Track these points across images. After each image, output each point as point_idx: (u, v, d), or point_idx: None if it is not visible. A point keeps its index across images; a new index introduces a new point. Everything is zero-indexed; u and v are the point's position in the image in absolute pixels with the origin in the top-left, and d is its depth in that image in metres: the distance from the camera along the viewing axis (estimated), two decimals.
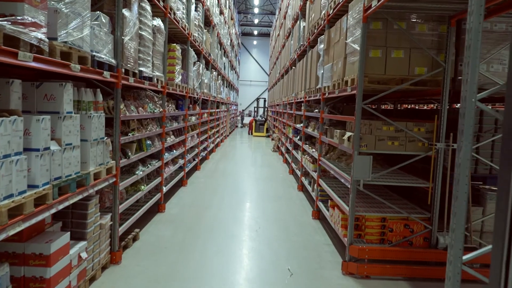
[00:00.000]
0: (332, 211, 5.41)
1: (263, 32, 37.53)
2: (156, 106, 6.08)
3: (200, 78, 10.15)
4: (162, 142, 6.45)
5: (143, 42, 5.06)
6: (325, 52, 6.20)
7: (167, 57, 6.94)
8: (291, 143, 11.65)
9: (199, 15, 9.59)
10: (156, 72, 5.76)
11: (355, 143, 4.30)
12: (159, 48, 5.86)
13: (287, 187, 9.11)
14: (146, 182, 5.96)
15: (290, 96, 11.88)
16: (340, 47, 5.19)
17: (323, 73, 6.36)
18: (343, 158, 5.87)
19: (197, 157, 10.94)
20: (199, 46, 9.74)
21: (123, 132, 4.78)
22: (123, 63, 4.33)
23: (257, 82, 37.55)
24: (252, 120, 26.14)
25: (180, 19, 7.19)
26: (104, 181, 3.95)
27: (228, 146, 18.15)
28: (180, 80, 7.50)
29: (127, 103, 4.77)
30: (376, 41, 4.33)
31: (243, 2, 30.26)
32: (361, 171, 4.29)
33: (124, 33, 4.30)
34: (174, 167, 7.67)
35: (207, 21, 11.94)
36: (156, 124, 6.13)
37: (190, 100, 9.95)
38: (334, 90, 5.42)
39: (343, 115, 6.40)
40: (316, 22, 7.29)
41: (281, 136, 15.30)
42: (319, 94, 6.69)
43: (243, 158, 14.15)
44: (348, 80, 4.67)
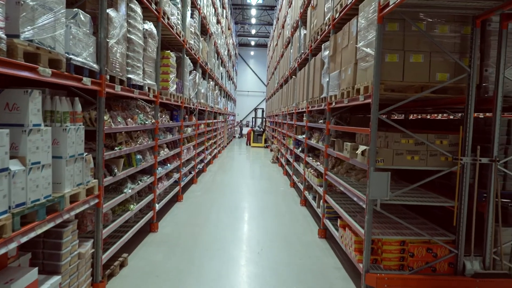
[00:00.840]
0: (343, 232, 4.89)
1: (260, 43, 37.33)
2: (148, 117, 5.58)
3: (196, 87, 9.69)
4: (155, 156, 5.94)
5: (132, 46, 4.59)
6: (331, 58, 5.75)
7: (160, 64, 6.48)
8: (292, 155, 11.15)
9: (195, 22, 9.17)
10: (148, 80, 5.28)
11: (371, 158, 3.80)
12: (151, 55, 5.39)
13: (289, 202, 8.58)
14: (137, 200, 5.44)
15: (290, 106, 11.43)
16: (349, 53, 4.74)
17: (328, 81, 5.90)
18: (353, 173, 5.38)
19: (194, 170, 10.42)
20: (195, 55, 9.29)
21: (108, 146, 4.27)
22: (108, 69, 3.84)
23: (254, 92, 37.21)
24: (250, 131, 25.68)
25: (174, 25, 6.74)
26: (84, 203, 3.43)
27: (226, 157, 17.64)
28: (174, 90, 7.02)
29: (114, 114, 4.27)
30: (393, 44, 3.87)
31: (240, 13, 30.03)
32: (378, 189, 3.79)
33: (109, 35, 3.82)
34: (168, 182, 7.15)
35: (203, 30, 11.52)
36: (148, 137, 5.63)
37: (186, 111, 9.47)
38: (342, 99, 4.95)
39: (350, 126, 5.92)
40: (319, 28, 6.86)
41: (280, 147, 14.81)
42: (324, 103, 6.22)
43: (242, 170, 13.63)
44: (360, 87, 4.19)
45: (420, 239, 4.03)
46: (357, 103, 4.30)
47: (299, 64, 9.80)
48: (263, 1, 26.23)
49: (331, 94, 5.59)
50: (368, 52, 4.00)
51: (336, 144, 5.49)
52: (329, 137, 6.01)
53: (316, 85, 6.96)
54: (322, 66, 6.52)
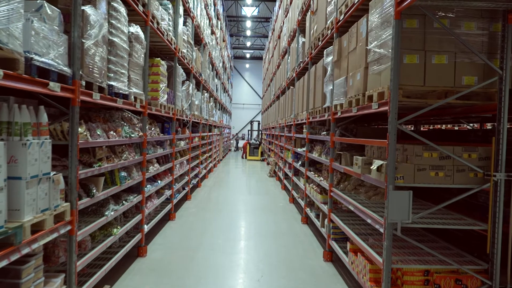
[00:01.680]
0: (354, 257, 4.33)
1: (256, 56, 37.10)
2: (135, 129, 5.04)
3: (190, 98, 9.18)
4: (143, 172, 5.38)
5: (114, 50, 4.07)
6: (335, 64, 5.27)
7: (150, 73, 5.97)
8: (290, 169, 10.61)
9: (188, 30, 8.71)
10: (134, 89, 4.75)
11: (390, 174, 3.28)
12: (138, 61, 4.88)
13: (290, 220, 8.01)
14: (122, 223, 4.86)
15: (288, 118, 10.94)
16: (358, 56, 4.25)
17: (332, 89, 5.41)
18: (362, 190, 4.84)
19: (188, 186, 9.84)
20: (189, 64, 8.81)
21: (86, 163, 3.72)
22: (84, 74, 3.32)
23: (250, 105, 36.82)
24: (246, 144, 25.13)
25: (165, 31, 6.25)
26: (51, 232, 2.86)
27: (222, 171, 17.06)
28: (165, 100, 6.50)
29: (92, 126, 3.73)
30: (412, 43, 3.38)
31: (235, 25, 29.79)
32: (398, 211, 3.25)
33: (84, 34, 3.31)
34: (159, 200, 6.57)
35: (197, 39, 11.08)
36: (134, 152, 5.08)
37: (179, 123, 8.93)
38: (350, 108, 4.45)
39: (357, 137, 5.42)
40: (320, 33, 6.41)
41: (278, 160, 14.27)
42: (327, 114, 5.72)
43: (238, 184, 13.05)
44: (373, 94, 3.69)
45: (446, 268, 3.49)
46: (369, 111, 3.80)
47: (298, 74, 9.34)
48: (258, 13, 26.01)
49: (336, 103, 5.09)
50: (382, 53, 3.51)
51: (342, 158, 4.97)
52: (333, 150, 5.50)
53: (318, 94, 6.47)
54: (325, 74, 6.04)
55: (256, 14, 26.15)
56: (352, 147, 5.82)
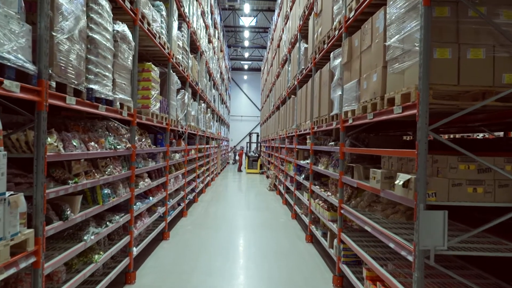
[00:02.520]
0: (372, 287, 3.75)
1: (254, 67, 36.81)
2: (122, 141, 4.49)
3: (185, 108, 8.66)
4: (131, 189, 4.81)
5: (95, 49, 3.55)
6: (345, 67, 4.77)
7: (140, 78, 5.46)
8: (292, 182, 10.05)
9: (183, 36, 8.23)
10: (120, 95, 4.22)
11: (420, 191, 2.73)
12: (125, 63, 4.36)
13: (293, 238, 7.41)
14: (106, 247, 4.27)
15: (289, 129, 10.42)
16: (374, 54, 3.74)
17: (341, 94, 4.90)
18: (378, 207, 4.28)
19: (183, 201, 9.25)
20: (184, 72, 8.31)
21: (58, 179, 3.16)
22: (54, 73, 2.78)
23: (248, 117, 36.38)
24: (241, 153, 24.54)
25: (157, 33, 5.76)
26: (7, 267, 2.29)
27: (220, 185, 16.46)
28: (158, 109, 5.97)
29: (66, 136, 3.18)
30: (443, 35, 2.87)
31: (232, 36, 29.50)
32: (431, 235, 2.70)
33: (55, 27, 2.79)
34: (150, 219, 5.98)
35: (193, 47, 10.63)
36: (121, 165, 4.52)
37: (174, 134, 8.40)
38: (364, 114, 3.93)
39: (369, 147, 4.89)
40: (325, 35, 5.93)
41: (278, 173, 13.71)
42: (335, 122, 5.19)
43: (237, 199, 12.45)
44: (394, 96, 3.17)
45: None
46: (390, 117, 3.27)
47: (299, 82, 8.85)
48: (256, 23, 25.72)
49: (347, 109, 4.57)
50: (406, 48, 3.00)
51: (355, 171, 4.42)
52: (343, 162, 4.95)
53: (324, 102, 5.96)
54: (331, 79, 5.54)
55: (254, 24, 25.87)
56: (363, 159, 5.28)
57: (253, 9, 23.01)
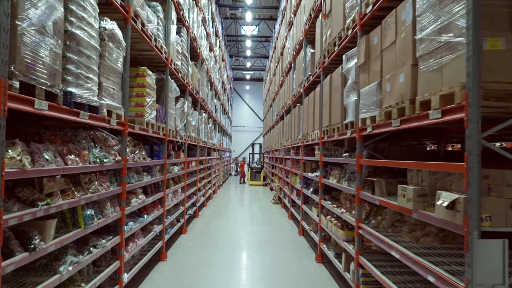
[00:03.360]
0: None
1: (256, 77, 36.45)
2: (110, 153, 3.96)
3: (185, 118, 8.15)
4: (122, 207, 4.26)
5: (76, 46, 3.05)
6: (361, 68, 4.25)
7: (134, 84, 4.96)
8: (299, 196, 9.47)
9: (182, 41, 7.77)
10: (108, 100, 3.71)
11: (473, 214, 2.18)
12: (114, 65, 3.85)
13: (301, 257, 6.82)
14: (90, 275, 3.71)
15: (294, 139, 9.89)
16: (400, 51, 3.22)
17: (357, 100, 4.37)
18: (404, 228, 3.71)
19: (183, 217, 8.67)
20: (184, 79, 7.82)
21: (26, 200, 2.62)
22: (18, 71, 2.27)
23: (250, 128, 35.89)
24: (243, 164, 23.95)
25: (153, 35, 5.27)
26: None
27: (222, 198, 15.87)
28: (153, 118, 5.46)
29: (37, 148, 2.65)
30: (494, 22, 2.35)
31: (234, 45, 29.18)
32: (487, 270, 2.14)
33: (19, 14, 2.28)
34: (145, 239, 5.42)
35: (194, 54, 10.17)
36: (109, 181, 3.98)
37: (172, 146, 7.88)
38: (388, 121, 3.39)
39: (389, 159, 4.34)
40: (336, 37, 5.43)
41: (283, 186, 13.13)
42: (350, 131, 4.65)
43: (240, 213, 11.86)
44: (431, 98, 2.64)
45: None
46: (425, 123, 2.73)
47: (306, 89, 8.35)
48: (258, 32, 25.38)
49: (365, 116, 4.04)
50: (446, 39, 2.48)
51: (376, 187, 3.87)
52: (360, 176, 4.40)
53: (336, 109, 5.43)
54: (344, 83, 5.02)
55: (256, 33, 25.54)
56: (381, 172, 4.74)
57: (255, 18, 22.68)
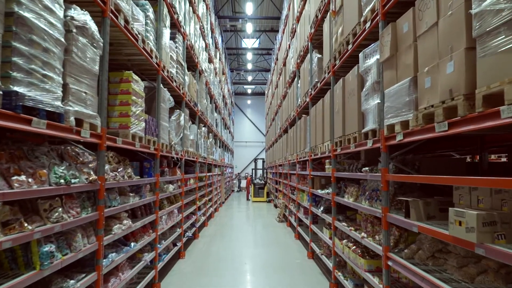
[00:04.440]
0: None
1: (257, 91, 35.95)
2: (83, 171, 3.24)
3: (181, 131, 7.44)
4: (99, 237, 3.51)
5: (27, 35, 2.36)
6: (386, 64, 3.54)
7: (117, 91, 4.27)
8: (307, 214, 8.68)
9: (177, 47, 7.12)
10: (76, 107, 3.00)
11: None
12: (85, 64, 3.16)
13: (314, 286, 5.99)
14: None
15: (301, 152, 9.15)
16: (446, 33, 2.51)
17: (380, 103, 3.66)
18: (450, 260, 2.93)
19: (180, 240, 7.88)
20: (179, 89, 7.15)
21: None
22: None
23: (253, 143, 35.21)
24: (249, 180, 23.08)
25: (139, 35, 4.60)
26: None
27: (224, 216, 15.04)
28: (141, 130, 4.75)
29: None
30: None
31: (235, 59, 28.70)
32: None
33: None
34: (132, 271, 4.63)
35: (192, 64, 9.53)
36: (81, 206, 3.24)
37: (168, 162, 7.15)
38: (429, 125, 2.66)
39: (422, 173, 3.59)
40: (350, 33, 4.75)
41: (288, 203, 12.33)
42: (371, 140, 3.92)
43: (243, 232, 11.04)
44: (503, 89, 1.91)
45: None
46: (492, 124, 2.00)
47: (312, 98, 7.66)
48: (259, 44, 24.89)
49: (392, 121, 3.31)
50: None
51: (412, 208, 3.11)
52: (387, 194, 3.64)
53: (351, 116, 4.71)
54: (361, 86, 4.33)
55: (257, 46, 25.06)
56: (409, 189, 3.99)
57: (255, 30, 22.20)
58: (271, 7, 19.50)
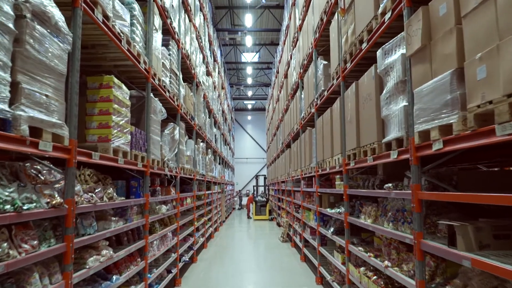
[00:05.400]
0: None
1: (258, 107, 35.46)
2: (43, 194, 2.59)
3: (175, 146, 6.81)
4: (66, 274, 2.83)
5: None
6: (416, 58, 2.94)
7: (96, 98, 3.66)
8: (314, 235, 7.97)
9: (171, 55, 6.55)
10: (32, 112, 2.38)
11: None
12: (49, 62, 2.55)
13: None
14: None
15: (305, 168, 8.50)
16: (508, 7, 1.91)
17: (407, 105, 3.04)
18: None
19: (176, 266, 7.15)
20: (173, 100, 6.56)
21: None
22: None
23: (253, 159, 34.53)
24: (251, 198, 22.26)
25: (123, 35, 4.02)
26: None
27: (225, 236, 14.27)
28: (126, 144, 4.12)
29: None
30: None
31: (234, 74, 28.27)
32: None
33: None
34: None
35: (188, 75, 8.98)
36: (41, 237, 2.59)
37: (161, 180, 6.50)
38: (482, 129, 2.04)
39: (458, 190, 2.93)
40: (364, 31, 4.17)
41: (292, 222, 11.60)
42: (397, 151, 3.27)
43: (245, 255, 10.27)
44: None
45: None
46: None
47: (318, 108, 7.06)
48: (259, 58, 24.47)
49: (427, 127, 2.69)
50: None
51: (459, 236, 2.44)
52: (420, 216, 2.98)
53: (367, 124, 4.09)
54: (380, 88, 3.71)
55: (257, 60, 24.65)
56: (444, 210, 3.32)
57: (255, 43, 21.79)
58: (271, 19, 19.12)
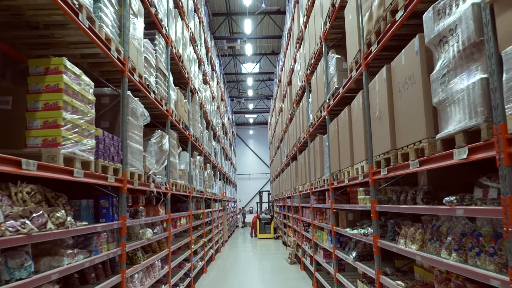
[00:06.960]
0: None
1: (259, 121, 34.54)
2: None
3: (165, 158, 5.78)
4: None
5: None
6: (503, 3, 1.93)
7: (41, 88, 2.68)
8: (328, 258, 6.87)
9: (157, 51, 5.59)
10: None
11: None
12: None
13: None
14: None
15: (316, 181, 7.46)
16: None
17: (484, 80, 2.02)
18: None
19: None
20: (161, 103, 5.57)
21: None
22: None
23: (256, 175, 33.40)
24: (256, 217, 21.02)
25: (82, 7, 3.05)
26: None
27: (227, 258, 13.08)
28: (89, 151, 3.11)
29: None
30: None
31: (235, 86, 27.38)
32: None
33: None
34: None
35: (182, 80, 8.03)
36: None
37: (148, 198, 5.47)
38: None
39: None
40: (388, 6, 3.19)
41: (301, 241, 10.46)
42: (467, 149, 2.24)
43: (250, 280, 9.10)
44: None
45: None
46: None
47: (330, 111, 6.05)
48: (259, 69, 23.60)
49: None
50: None
51: None
52: None
53: (409, 117, 3.07)
54: (430, 66, 2.71)
55: (258, 71, 23.79)
56: None
57: (255, 53, 20.95)
58: (272, 25, 18.27)
